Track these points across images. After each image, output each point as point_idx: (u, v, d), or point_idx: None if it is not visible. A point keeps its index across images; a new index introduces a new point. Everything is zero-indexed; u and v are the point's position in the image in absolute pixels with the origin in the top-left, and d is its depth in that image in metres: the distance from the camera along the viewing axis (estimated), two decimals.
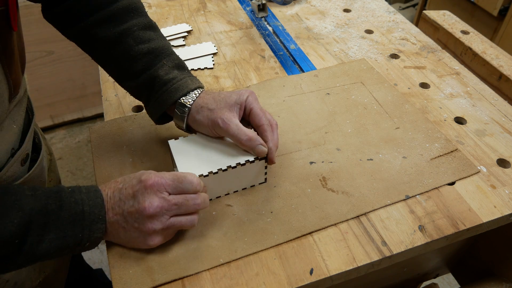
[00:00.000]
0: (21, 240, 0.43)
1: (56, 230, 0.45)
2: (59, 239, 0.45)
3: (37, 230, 0.44)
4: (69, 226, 0.46)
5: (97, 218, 0.48)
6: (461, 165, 0.64)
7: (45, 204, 0.45)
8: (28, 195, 0.45)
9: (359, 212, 0.57)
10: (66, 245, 0.46)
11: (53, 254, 0.46)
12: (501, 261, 0.76)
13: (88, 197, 0.48)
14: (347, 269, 0.51)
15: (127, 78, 0.61)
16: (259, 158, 0.56)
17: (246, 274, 0.51)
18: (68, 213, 0.46)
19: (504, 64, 0.89)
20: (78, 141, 1.94)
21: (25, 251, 0.43)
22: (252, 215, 0.57)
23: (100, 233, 0.48)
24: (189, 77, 0.60)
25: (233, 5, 1.06)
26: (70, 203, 0.46)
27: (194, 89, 0.58)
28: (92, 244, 0.49)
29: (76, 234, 0.46)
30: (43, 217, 0.44)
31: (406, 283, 0.87)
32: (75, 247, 0.47)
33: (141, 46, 0.58)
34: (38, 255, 0.45)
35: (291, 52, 0.89)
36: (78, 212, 0.46)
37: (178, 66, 0.61)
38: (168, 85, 0.58)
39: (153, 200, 0.48)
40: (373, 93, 0.77)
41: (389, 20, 0.99)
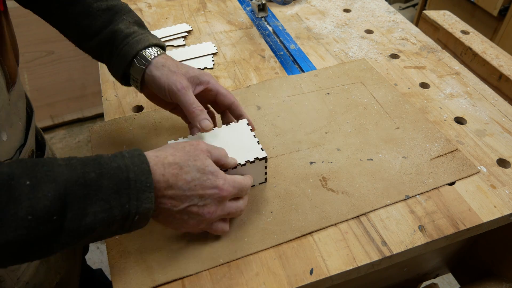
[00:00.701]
0: (60, 215, 0.38)
1: (100, 202, 0.40)
2: (105, 211, 0.40)
3: (77, 203, 0.39)
4: (114, 195, 0.40)
5: (145, 186, 0.42)
6: (461, 165, 0.64)
7: (82, 173, 0.39)
8: (62, 165, 0.39)
9: (359, 212, 0.57)
10: (113, 219, 0.41)
11: (99, 230, 0.41)
12: (501, 261, 0.76)
13: (132, 162, 0.42)
14: (347, 269, 0.51)
15: (87, 38, 0.59)
16: (258, 158, 0.56)
17: (246, 274, 0.51)
18: (111, 181, 0.40)
19: (504, 64, 0.89)
20: (78, 141, 1.94)
21: (67, 227, 0.38)
22: (252, 215, 0.57)
23: (150, 203, 0.42)
24: (150, 34, 0.59)
25: (233, 5, 1.06)
26: (113, 169, 0.41)
27: (155, 45, 0.58)
28: (142, 217, 0.43)
29: (123, 205, 0.41)
30: (82, 188, 0.39)
31: (406, 283, 0.87)
32: (123, 221, 0.42)
33: (100, 3, 0.58)
34: (83, 231, 0.39)
35: (291, 52, 0.89)
36: (122, 180, 0.41)
37: (138, 23, 0.60)
38: (130, 38, 0.57)
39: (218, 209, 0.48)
40: (373, 93, 0.77)
41: (389, 20, 0.99)
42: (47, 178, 0.38)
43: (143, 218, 0.43)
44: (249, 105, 0.75)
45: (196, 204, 0.46)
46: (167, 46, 0.90)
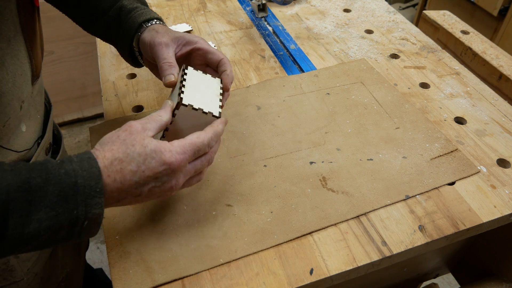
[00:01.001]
0: (1, 223, 0.36)
1: (45, 209, 0.38)
2: (50, 218, 0.38)
3: (20, 210, 0.37)
4: (61, 202, 0.39)
5: (94, 191, 0.40)
6: (461, 165, 0.64)
7: (27, 179, 0.38)
8: (7, 170, 0.38)
9: (359, 212, 0.57)
10: (59, 226, 0.39)
11: (44, 236, 0.39)
12: (501, 261, 0.76)
13: (81, 166, 0.41)
14: (347, 269, 0.51)
15: (96, 18, 0.62)
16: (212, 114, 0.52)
17: (246, 274, 0.51)
18: (58, 187, 0.39)
19: (504, 64, 0.89)
20: (78, 141, 1.94)
21: (9, 235, 0.37)
22: (252, 215, 0.57)
23: (99, 208, 0.41)
24: (151, 10, 0.62)
25: (233, 5, 1.06)
26: (60, 175, 0.39)
27: (156, 18, 0.61)
28: (91, 223, 0.41)
29: (70, 211, 0.39)
30: (26, 194, 0.37)
31: (406, 283, 0.87)
32: (71, 227, 0.40)
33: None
34: (26, 239, 0.38)
35: (291, 52, 0.89)
36: (70, 185, 0.39)
37: (142, 1, 0.64)
38: (133, 13, 0.60)
39: (179, 179, 0.46)
40: (373, 93, 0.77)
41: (389, 20, 0.99)
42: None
43: (92, 224, 0.42)
44: (249, 105, 0.75)
45: (155, 185, 0.45)
46: None
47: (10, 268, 0.53)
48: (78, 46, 1.73)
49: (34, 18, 0.49)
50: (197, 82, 0.55)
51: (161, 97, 0.77)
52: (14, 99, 0.44)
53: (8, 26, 0.43)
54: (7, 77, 0.43)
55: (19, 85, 0.45)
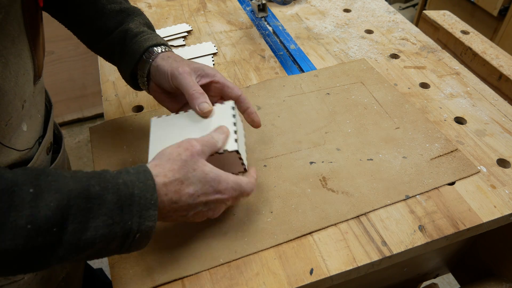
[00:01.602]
0: (61, 227, 0.37)
1: (102, 216, 0.39)
2: (107, 226, 0.39)
3: (79, 216, 0.38)
4: (117, 211, 0.40)
5: (149, 203, 0.41)
6: (461, 165, 0.64)
7: (87, 186, 0.39)
8: (67, 176, 0.39)
9: (359, 212, 0.57)
10: (114, 236, 0.40)
11: (98, 245, 0.39)
12: (501, 261, 0.76)
13: (138, 178, 0.42)
14: (347, 269, 0.51)
15: (100, 38, 0.62)
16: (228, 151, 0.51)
17: (246, 274, 0.51)
18: (116, 196, 0.40)
19: (504, 64, 0.89)
20: (78, 141, 1.94)
21: (67, 241, 0.37)
22: (252, 215, 0.57)
23: (152, 221, 0.42)
24: (158, 35, 0.61)
25: (233, 5, 1.06)
26: (118, 185, 0.40)
27: (163, 44, 0.59)
28: (143, 236, 0.42)
29: (125, 221, 0.40)
30: (85, 201, 0.38)
31: (406, 283, 0.87)
32: (123, 239, 0.41)
33: (113, 5, 0.61)
34: (82, 246, 0.38)
35: (291, 52, 0.89)
36: (127, 196, 0.40)
37: (148, 25, 0.63)
38: (139, 37, 0.59)
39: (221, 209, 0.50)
40: (373, 93, 0.77)
41: (389, 20, 0.99)
42: (51, 188, 0.37)
43: (144, 237, 0.43)
44: None
45: (201, 210, 0.48)
46: None
47: None
48: (78, 46, 1.73)
49: (38, 18, 0.49)
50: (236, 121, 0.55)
51: None
52: (16, 98, 0.45)
53: (13, 25, 0.43)
54: (10, 76, 0.43)
55: (22, 85, 0.45)
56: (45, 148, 0.55)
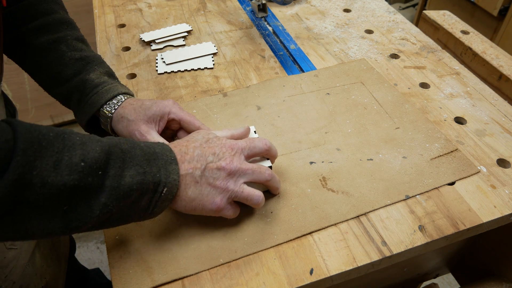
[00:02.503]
0: (104, 171, 0.41)
1: (135, 166, 0.43)
2: (140, 174, 0.43)
3: (118, 163, 0.42)
4: (146, 163, 0.44)
5: (170, 159, 0.47)
6: (461, 165, 0.64)
7: (118, 142, 0.44)
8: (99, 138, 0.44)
9: (359, 212, 0.57)
10: (146, 185, 0.44)
11: (134, 194, 0.43)
12: (501, 261, 0.76)
13: (156, 144, 0.48)
14: (347, 269, 0.51)
15: (58, 84, 0.62)
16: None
17: (246, 274, 0.51)
18: (142, 151, 0.45)
19: (504, 64, 0.89)
20: None
21: (108, 185, 0.41)
22: (252, 215, 0.57)
23: (176, 174, 0.46)
24: (120, 84, 0.63)
25: (233, 5, 1.06)
26: (142, 144, 0.46)
27: (123, 93, 0.61)
28: (168, 192, 0.46)
29: (154, 173, 0.45)
30: (120, 152, 0.43)
31: (406, 283, 0.87)
32: (153, 193, 0.45)
33: (74, 53, 0.62)
34: (121, 192, 0.42)
35: (291, 52, 0.89)
36: (151, 153, 0.46)
37: (109, 74, 0.64)
38: (99, 88, 0.60)
39: (234, 159, 0.51)
40: (373, 93, 0.77)
41: (389, 20, 0.99)
42: (93, 138, 0.42)
43: (169, 193, 0.46)
44: (249, 105, 0.75)
45: (212, 160, 0.50)
46: (167, 46, 0.90)
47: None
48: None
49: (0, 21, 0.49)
50: None
51: (161, 97, 0.77)
52: None
53: None
54: None
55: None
56: None
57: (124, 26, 0.96)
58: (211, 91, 0.78)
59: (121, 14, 1.00)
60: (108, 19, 0.99)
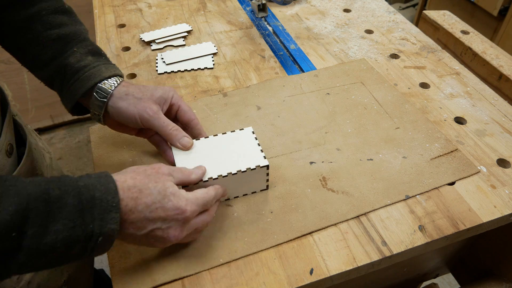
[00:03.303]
0: (20, 232, 0.36)
1: (63, 220, 0.38)
2: (67, 230, 0.38)
3: (39, 220, 0.36)
4: (78, 214, 0.38)
5: (110, 206, 0.41)
6: (461, 165, 0.64)
7: (46, 189, 0.38)
8: (25, 181, 0.38)
9: (359, 212, 0.57)
10: (75, 239, 0.39)
11: (59, 250, 0.38)
12: (501, 261, 0.76)
13: (99, 182, 0.41)
14: (347, 269, 0.51)
15: (37, 67, 0.57)
16: (260, 166, 0.56)
17: (246, 274, 0.51)
18: (76, 199, 0.39)
19: (504, 64, 0.89)
20: (78, 141, 1.94)
21: (27, 246, 0.36)
22: (252, 215, 0.57)
23: (115, 223, 0.41)
24: (104, 65, 0.57)
25: (233, 5, 1.06)
26: (78, 188, 0.40)
27: (109, 77, 0.56)
28: (106, 239, 0.41)
29: (86, 224, 0.39)
30: (45, 205, 0.37)
31: (406, 283, 0.87)
32: (86, 243, 0.40)
33: (50, 32, 0.55)
34: (43, 251, 0.37)
35: (291, 52, 0.89)
36: (88, 199, 0.39)
37: (93, 53, 0.58)
38: (80, 73, 0.55)
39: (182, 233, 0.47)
40: (373, 93, 0.77)
41: (389, 20, 0.99)
42: (9, 193, 0.36)
43: (107, 241, 0.41)
44: (249, 105, 0.75)
45: (160, 227, 0.45)
46: (167, 46, 0.90)
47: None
48: None
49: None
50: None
51: None
52: None
53: None
54: None
55: None
56: (3, 151, 0.51)
57: (124, 26, 0.96)
58: (211, 91, 0.78)
59: (121, 14, 1.00)
60: (108, 19, 0.99)
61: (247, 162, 0.55)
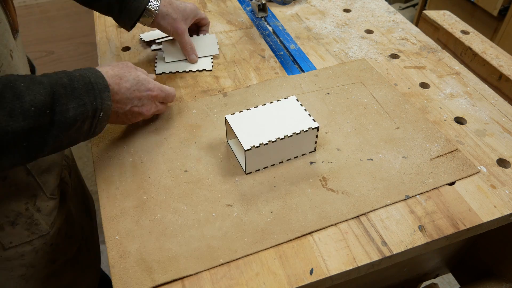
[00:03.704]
0: (51, 109, 0.47)
1: (75, 99, 0.49)
2: (81, 106, 0.50)
3: (61, 99, 0.48)
4: (85, 94, 0.51)
5: (103, 87, 0.54)
6: (461, 165, 0.64)
7: (59, 78, 0.49)
8: (38, 77, 0.48)
9: (359, 212, 0.57)
10: (86, 113, 0.51)
11: (78, 122, 0.50)
12: (501, 261, 0.76)
13: (89, 72, 0.53)
14: (347, 269, 0.51)
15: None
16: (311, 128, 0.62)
17: (246, 274, 0.51)
18: (80, 83, 0.51)
19: (504, 64, 0.89)
20: None
21: (57, 120, 0.47)
22: (252, 215, 0.57)
23: (109, 100, 0.54)
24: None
25: (233, 5, 1.06)
26: (78, 76, 0.51)
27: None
28: (104, 115, 0.54)
29: (91, 102, 0.51)
30: (62, 88, 0.48)
31: (406, 283, 0.87)
32: (92, 119, 0.52)
33: None
34: (68, 123, 0.49)
35: (291, 52, 0.89)
36: (87, 83, 0.52)
37: None
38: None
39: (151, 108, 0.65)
40: (373, 93, 0.77)
41: (389, 20, 0.99)
42: (35, 81, 0.46)
43: (105, 115, 0.54)
44: (249, 105, 0.75)
45: (136, 105, 0.61)
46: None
47: (35, 222, 0.61)
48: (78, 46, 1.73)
49: None
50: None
51: None
52: (1, 46, 0.51)
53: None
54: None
55: (2, 32, 0.51)
56: None
57: None
58: (211, 91, 0.78)
59: None
60: (108, 19, 0.99)
61: (298, 125, 0.62)
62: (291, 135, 0.60)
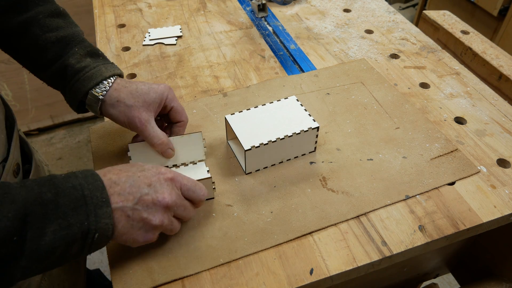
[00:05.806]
0: (20, 236, 0.37)
1: (58, 220, 0.39)
2: (63, 229, 0.39)
3: (36, 223, 0.38)
4: (71, 213, 0.40)
5: (101, 201, 0.42)
6: (461, 165, 0.64)
7: (39, 193, 0.39)
8: (17, 187, 0.39)
9: (359, 212, 0.57)
10: (72, 237, 0.40)
11: (59, 250, 0.40)
12: (501, 261, 0.76)
13: (86, 181, 0.43)
14: (347, 269, 0.51)
15: (39, 69, 0.58)
16: (311, 128, 0.62)
17: (246, 274, 0.51)
18: (68, 199, 0.40)
19: (504, 64, 0.89)
20: (78, 141, 1.95)
21: (28, 249, 0.37)
22: (252, 215, 0.57)
23: (108, 218, 0.42)
24: (103, 65, 0.58)
25: (233, 5, 1.06)
26: (67, 189, 0.41)
27: (108, 77, 0.57)
28: (102, 235, 0.42)
29: (81, 222, 0.40)
30: (40, 207, 0.38)
31: (406, 283, 0.87)
32: (83, 240, 0.41)
33: (49, 35, 0.56)
34: (43, 252, 0.39)
35: (291, 52, 0.89)
36: (78, 197, 0.41)
37: (91, 54, 0.59)
38: (80, 74, 0.56)
39: (172, 193, 0.47)
40: (373, 93, 0.77)
41: (389, 20, 0.99)
42: (5, 199, 0.37)
43: (103, 236, 0.43)
44: (249, 105, 0.75)
45: (147, 193, 0.46)
46: (158, 43, 0.90)
47: None
48: None
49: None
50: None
51: None
52: None
53: None
54: None
55: None
56: (10, 171, 0.52)
57: (124, 26, 0.96)
58: (211, 91, 0.78)
59: (121, 14, 1.00)
60: (108, 19, 0.99)
61: (298, 126, 0.61)
62: (291, 135, 0.60)
